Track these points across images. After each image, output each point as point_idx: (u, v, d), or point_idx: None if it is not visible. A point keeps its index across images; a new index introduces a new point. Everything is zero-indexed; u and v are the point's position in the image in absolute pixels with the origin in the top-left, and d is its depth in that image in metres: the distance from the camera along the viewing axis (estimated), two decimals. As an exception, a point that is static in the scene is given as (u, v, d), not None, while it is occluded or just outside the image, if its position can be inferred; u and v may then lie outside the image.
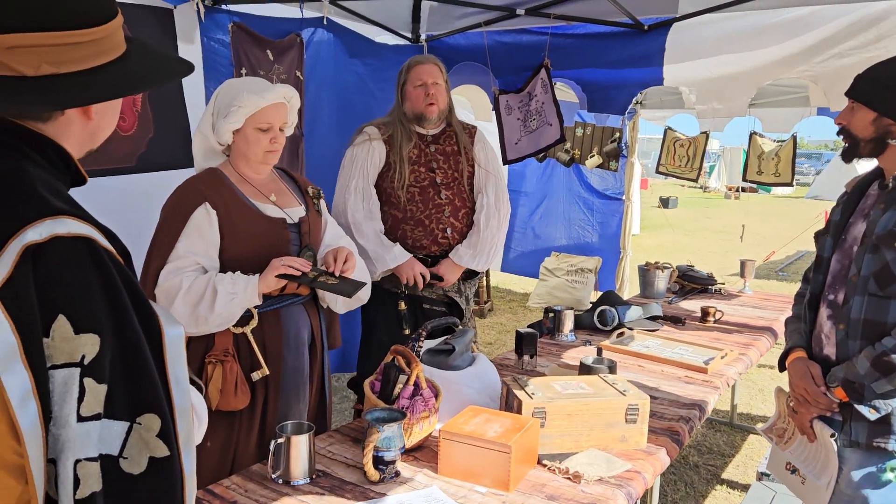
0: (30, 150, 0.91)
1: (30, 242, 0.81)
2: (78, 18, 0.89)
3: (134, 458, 0.84)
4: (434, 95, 2.90)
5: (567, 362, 2.70)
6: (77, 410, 0.81)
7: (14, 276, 0.79)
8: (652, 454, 1.94)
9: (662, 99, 6.09)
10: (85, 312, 0.82)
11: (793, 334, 2.07)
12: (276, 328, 2.15)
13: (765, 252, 9.70)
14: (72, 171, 0.98)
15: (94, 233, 0.87)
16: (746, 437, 4.18)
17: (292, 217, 2.20)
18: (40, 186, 0.87)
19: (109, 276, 0.86)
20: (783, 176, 5.67)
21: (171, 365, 0.91)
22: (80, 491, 0.81)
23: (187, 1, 3.20)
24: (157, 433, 0.86)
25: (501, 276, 8.40)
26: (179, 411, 0.90)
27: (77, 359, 0.81)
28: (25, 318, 0.79)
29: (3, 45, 0.85)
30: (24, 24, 0.85)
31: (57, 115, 0.93)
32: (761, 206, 19.63)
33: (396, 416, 1.80)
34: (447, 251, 2.93)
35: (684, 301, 3.85)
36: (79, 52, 0.90)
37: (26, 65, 0.87)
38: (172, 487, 0.88)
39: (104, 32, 0.93)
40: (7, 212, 0.83)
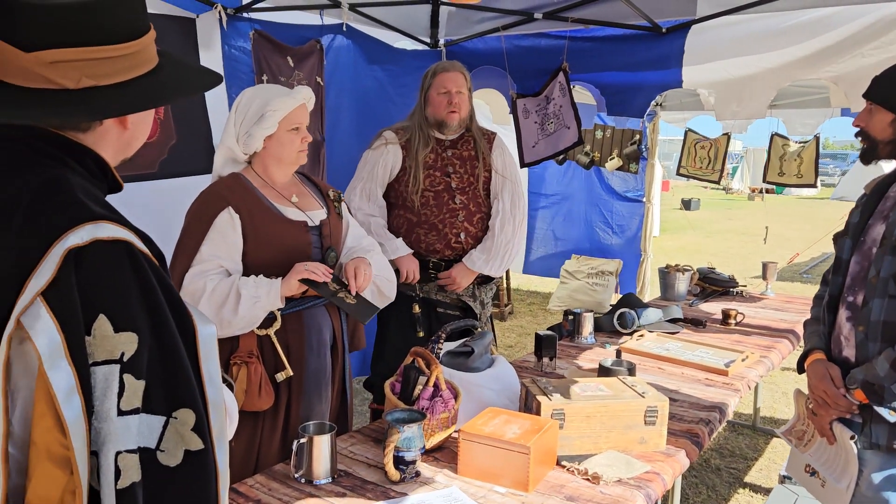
0: (70, 159, 0.96)
1: (72, 246, 0.85)
2: (115, 34, 0.94)
3: (170, 450, 0.88)
4: (457, 104, 2.93)
5: (586, 365, 2.71)
6: (117, 405, 0.85)
7: (58, 278, 0.83)
8: (671, 456, 1.94)
9: (682, 101, 6.06)
10: (124, 312, 0.86)
11: (812, 336, 2.07)
12: (298, 330, 2.19)
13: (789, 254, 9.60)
14: (108, 179, 1.02)
15: (131, 236, 0.91)
16: (769, 440, 4.15)
17: (313, 220, 2.23)
18: (80, 193, 0.91)
19: (146, 277, 0.90)
20: (806, 177, 5.62)
21: (204, 362, 0.95)
22: (121, 481, 0.84)
23: (209, 10, 3.26)
24: (192, 427, 0.90)
25: (522, 278, 8.41)
26: (213, 406, 0.94)
27: (117, 356, 0.85)
28: (69, 318, 0.83)
29: (45, 60, 0.90)
30: (65, 40, 0.90)
31: (95, 125, 0.98)
32: (785, 207, 19.42)
33: (416, 416, 1.82)
34: (461, 256, 2.95)
35: (705, 303, 3.84)
36: (116, 65, 0.95)
37: (68, 78, 0.91)
38: (207, 479, 0.92)
39: (138, 46, 0.97)
40: (50, 217, 0.87)
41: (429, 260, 2.93)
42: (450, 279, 2.95)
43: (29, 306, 0.83)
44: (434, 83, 2.95)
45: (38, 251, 0.85)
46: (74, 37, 0.91)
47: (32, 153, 0.94)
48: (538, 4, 3.91)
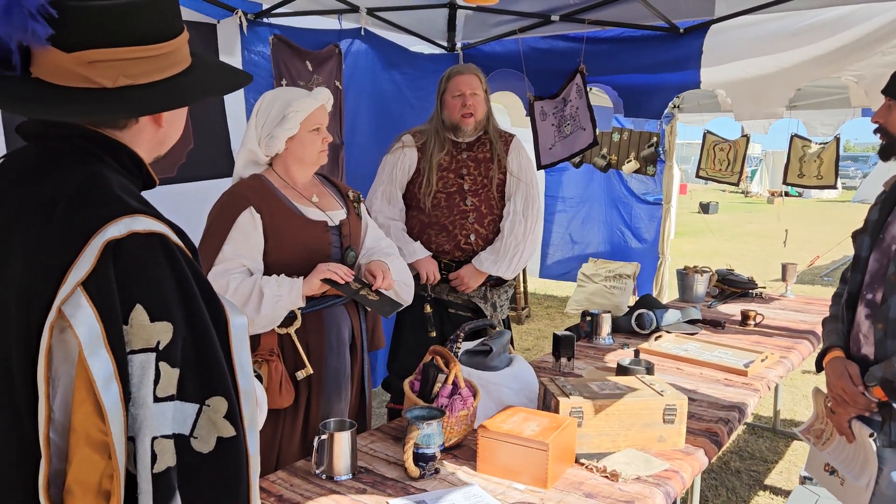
0: (107, 155, 1.00)
1: (110, 238, 0.88)
2: (151, 34, 0.97)
3: (203, 437, 0.91)
4: (472, 106, 2.95)
5: (604, 365, 2.71)
6: (153, 392, 0.88)
7: (97, 269, 0.87)
8: (690, 454, 1.94)
9: (700, 102, 6.04)
10: (159, 302, 0.89)
11: (830, 334, 2.06)
12: (318, 329, 2.21)
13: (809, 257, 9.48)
14: (143, 175, 1.06)
15: (166, 229, 0.94)
16: (790, 443, 4.12)
17: (333, 220, 2.26)
18: (117, 188, 0.95)
19: (181, 269, 0.93)
20: (826, 178, 5.58)
21: (236, 351, 0.98)
22: (157, 465, 0.87)
23: (230, 15, 3.31)
24: (224, 414, 0.93)
25: (538, 282, 8.39)
26: (244, 394, 0.97)
27: (153, 344, 0.88)
28: (108, 308, 0.86)
29: (84, 60, 0.93)
30: (103, 41, 0.93)
31: (132, 122, 1.02)
32: (805, 210, 19.23)
33: (436, 413, 1.84)
34: (471, 257, 2.97)
35: (724, 305, 3.82)
36: (152, 64, 0.98)
37: (106, 77, 0.94)
38: (238, 465, 0.94)
39: (173, 47, 1.01)
40: (90, 211, 0.91)
41: (440, 261, 2.96)
42: (458, 279, 2.97)
43: (70, 296, 0.86)
44: (449, 86, 2.98)
45: (78, 243, 0.88)
46: (112, 37, 0.94)
47: (72, 150, 0.98)
48: (555, 7, 3.92)
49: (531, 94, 4.22)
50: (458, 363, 2.02)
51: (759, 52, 3.65)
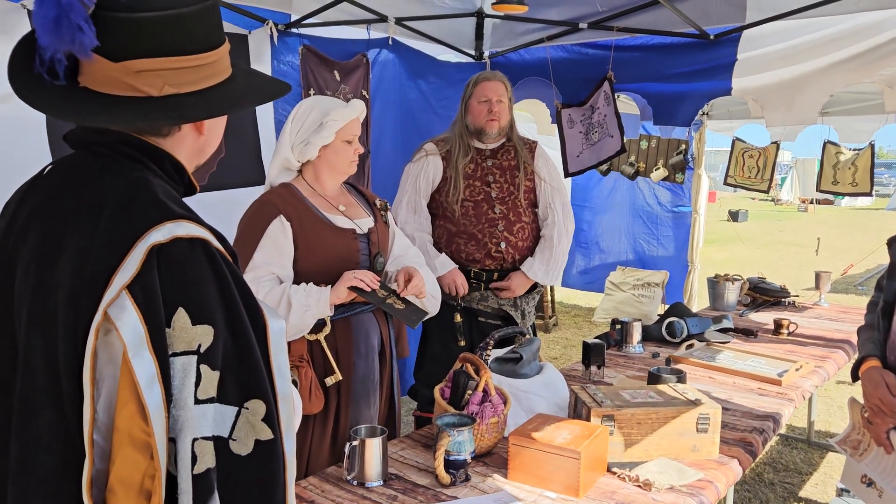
0: (151, 162, 1.03)
1: (155, 242, 0.90)
2: (195, 45, 1.00)
3: (242, 440, 0.92)
4: (497, 112, 2.96)
5: (635, 373, 2.69)
6: (194, 394, 0.90)
7: (142, 273, 0.89)
8: (724, 464, 1.92)
9: (730, 109, 5.98)
10: (201, 306, 0.91)
11: (866, 343, 2.02)
12: (347, 335, 2.23)
13: (842, 266, 9.33)
14: (185, 182, 1.09)
15: (208, 234, 0.97)
16: (825, 454, 4.04)
17: (361, 227, 2.28)
18: (161, 194, 0.97)
19: (222, 273, 0.95)
20: (861, 185, 5.49)
21: (274, 355, 0.99)
22: (197, 466, 0.89)
23: (261, 26, 3.36)
24: (263, 417, 0.94)
25: (564, 290, 8.35)
26: (282, 397, 0.98)
27: (194, 347, 0.90)
28: (151, 311, 0.88)
29: (131, 70, 0.96)
30: (150, 51, 0.96)
31: (174, 130, 1.05)
32: (838, 218, 18.91)
33: (467, 421, 1.83)
34: (501, 265, 2.96)
35: (756, 313, 3.77)
36: (196, 74, 1.01)
37: (152, 86, 0.97)
38: (275, 467, 0.95)
39: (216, 56, 1.04)
40: (135, 215, 0.93)
41: (469, 269, 2.95)
42: (508, 289, 2.97)
43: (115, 299, 0.88)
44: (475, 92, 2.99)
45: (123, 247, 0.90)
46: (158, 47, 0.97)
47: (117, 157, 1.01)
48: (583, 14, 3.91)
49: (559, 102, 4.22)
50: (489, 370, 2.02)
51: (791, 59, 3.61)
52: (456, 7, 3.99)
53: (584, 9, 3.85)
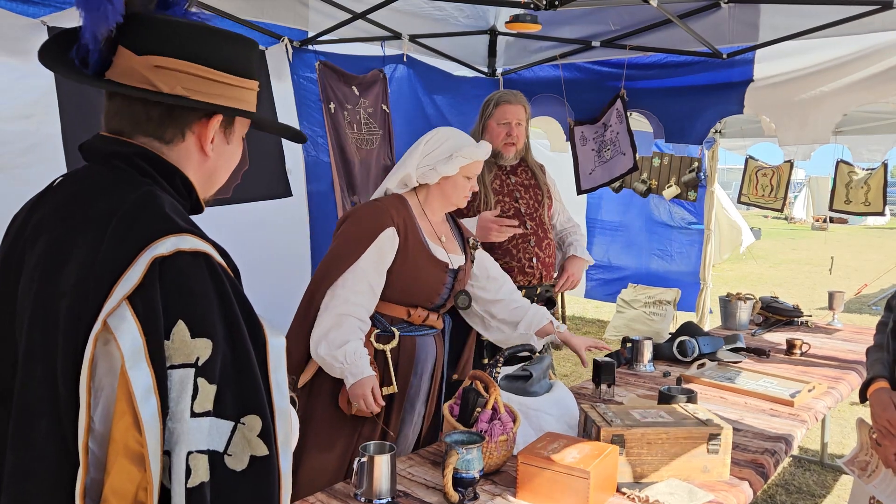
0: (161, 178, 1.05)
1: (158, 255, 0.91)
2: (216, 60, 1.06)
3: (237, 455, 0.92)
4: (515, 136, 2.97)
5: (646, 392, 2.67)
6: (191, 407, 0.89)
7: (143, 284, 0.89)
8: (735, 486, 1.90)
9: (743, 128, 5.98)
10: (201, 319, 0.91)
11: (875, 364, 2.00)
12: (410, 353, 2.31)
13: (856, 285, 9.26)
14: (192, 200, 1.11)
15: (210, 249, 0.97)
16: (838, 477, 3.99)
17: (453, 263, 2.35)
18: (168, 208, 0.98)
19: (223, 287, 0.95)
20: (874, 205, 5.46)
21: (273, 371, 0.99)
22: (191, 480, 0.88)
23: (277, 42, 3.40)
24: (259, 433, 0.93)
25: (577, 306, 8.33)
26: (279, 413, 0.98)
27: (192, 360, 0.90)
28: (151, 322, 0.89)
29: (151, 63, 1.03)
30: (170, 51, 1.03)
31: (177, 139, 1.08)
32: (852, 237, 18.77)
33: (475, 439, 1.83)
34: (530, 281, 2.96)
35: (768, 333, 3.74)
36: (211, 87, 1.06)
37: (164, 83, 1.03)
38: (271, 484, 0.95)
39: (236, 82, 1.09)
40: (140, 228, 0.94)
41: None
42: (570, 278, 3.07)
43: (116, 309, 0.88)
44: (496, 113, 2.98)
45: (126, 258, 0.91)
46: (179, 49, 1.03)
47: (130, 170, 1.04)
48: (596, 33, 3.93)
49: (571, 120, 4.23)
50: (498, 388, 2.01)
51: (805, 78, 3.61)
52: (469, 25, 4.02)
53: (597, 27, 3.87)
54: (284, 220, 3.40)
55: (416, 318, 2.31)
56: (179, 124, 1.07)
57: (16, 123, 2.54)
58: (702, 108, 4.01)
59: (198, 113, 1.07)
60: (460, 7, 3.73)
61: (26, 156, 2.54)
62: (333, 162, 3.59)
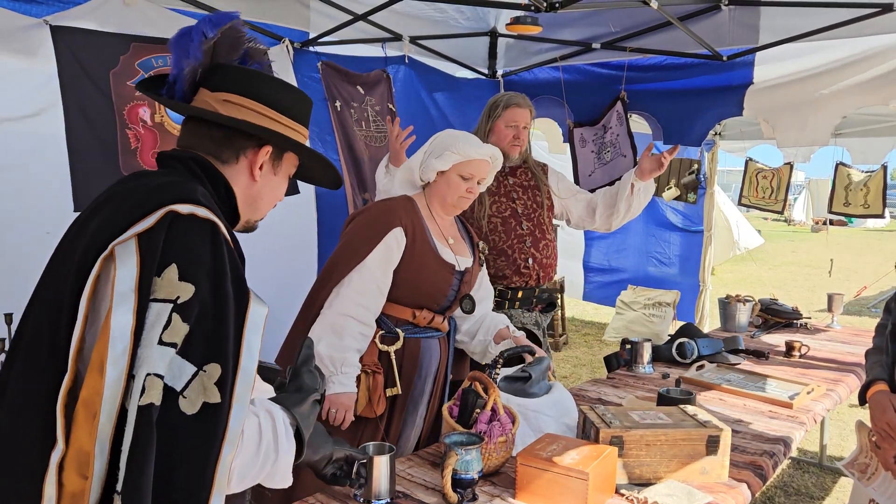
0: (208, 181, 1.22)
1: (173, 209, 1.06)
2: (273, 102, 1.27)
3: (191, 399, 0.99)
4: (521, 139, 3.00)
5: (645, 394, 2.68)
6: (160, 336, 0.98)
7: (154, 228, 1.03)
8: (734, 488, 1.90)
9: (742, 130, 5.98)
10: (191, 268, 1.03)
11: (874, 366, 2.01)
12: (414, 355, 2.32)
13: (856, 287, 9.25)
14: (231, 207, 1.26)
15: (220, 224, 1.10)
16: (837, 479, 4.00)
17: (460, 265, 2.35)
18: (201, 198, 1.12)
19: (220, 252, 1.07)
20: (873, 207, 5.47)
21: (248, 332, 1.07)
22: (143, 398, 0.96)
23: (277, 44, 3.41)
24: (216, 381, 1.01)
25: (576, 308, 8.33)
26: (243, 371, 1.05)
27: (173, 297, 1.00)
28: (148, 258, 1.01)
29: (220, 98, 1.25)
30: (237, 90, 1.25)
31: (231, 160, 1.26)
32: (851, 239, 18.76)
33: (475, 440, 1.83)
34: (527, 283, 2.96)
35: (767, 335, 3.75)
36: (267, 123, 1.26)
37: (229, 113, 1.24)
38: (215, 433, 1.01)
39: (289, 124, 1.29)
40: (169, 192, 1.09)
41: (495, 288, 2.92)
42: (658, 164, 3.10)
43: (126, 240, 1.02)
44: (505, 115, 2.99)
45: (147, 210, 1.05)
46: (244, 90, 1.25)
47: (182, 170, 1.21)
48: (596, 35, 3.94)
49: (571, 121, 4.23)
50: (498, 389, 2.02)
51: (804, 80, 3.62)
52: (470, 27, 4.03)
53: (597, 29, 3.88)
54: (293, 217, 3.42)
55: (422, 319, 2.32)
56: (235, 148, 1.25)
57: (20, 123, 2.55)
58: (701, 110, 4.02)
59: (252, 141, 1.25)
60: (461, 9, 3.74)
61: (30, 155, 2.55)
62: (343, 159, 3.60)
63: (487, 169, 2.38)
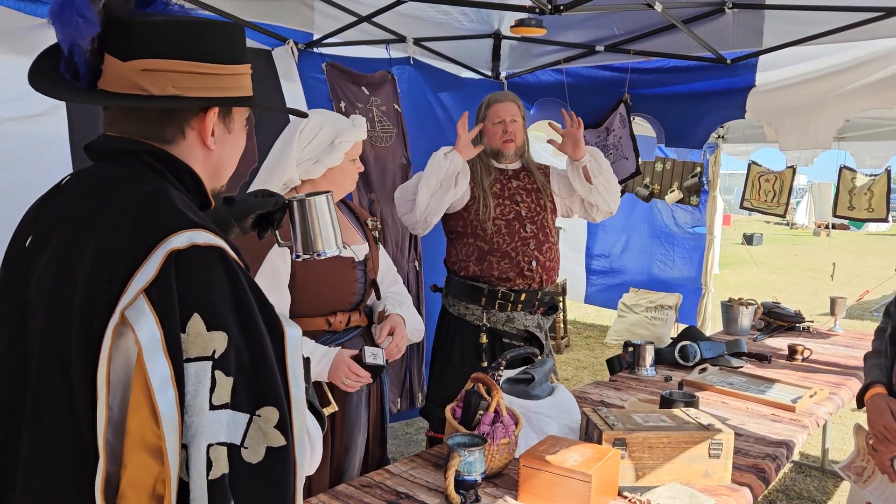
0: (170, 174, 1.05)
1: (173, 248, 0.92)
2: (205, 53, 1.05)
3: (253, 447, 0.92)
4: (512, 132, 2.97)
5: (647, 397, 2.67)
6: (210, 399, 0.90)
7: (160, 277, 0.90)
8: (736, 491, 1.90)
9: (745, 133, 5.98)
10: (216, 312, 0.92)
11: (872, 369, 2.01)
12: None
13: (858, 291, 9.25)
14: (202, 196, 1.11)
15: (224, 244, 0.98)
16: (839, 482, 3.99)
17: (358, 255, 2.22)
18: (179, 204, 0.99)
19: (237, 280, 0.96)
20: (877, 211, 5.47)
21: (290, 362, 0.99)
22: (213, 472, 0.89)
23: (282, 45, 3.41)
24: (275, 424, 0.94)
25: (578, 311, 8.33)
26: (295, 404, 0.98)
27: (209, 353, 0.90)
28: (168, 314, 0.89)
29: (137, 68, 1.02)
30: (156, 52, 1.02)
31: (178, 138, 1.07)
32: (854, 243, 18.74)
33: (478, 441, 1.83)
34: (530, 285, 2.96)
35: (770, 338, 3.75)
36: (203, 81, 1.05)
37: (154, 85, 1.02)
38: (287, 475, 0.95)
39: (227, 71, 1.08)
40: (154, 222, 0.95)
41: (497, 290, 2.92)
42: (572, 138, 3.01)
43: (133, 301, 0.89)
44: (489, 114, 3.01)
45: (143, 250, 0.91)
46: (165, 50, 1.02)
47: (138, 167, 1.04)
48: (600, 38, 3.94)
49: (573, 124, 4.23)
50: (501, 391, 2.02)
51: (807, 83, 3.62)
52: (473, 29, 4.03)
53: (600, 32, 3.88)
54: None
55: (338, 324, 2.17)
56: (178, 122, 1.06)
57: (23, 123, 2.55)
58: (704, 113, 4.02)
59: (194, 109, 1.06)
60: (464, 11, 3.74)
61: (34, 155, 2.55)
62: None
63: (361, 144, 2.23)
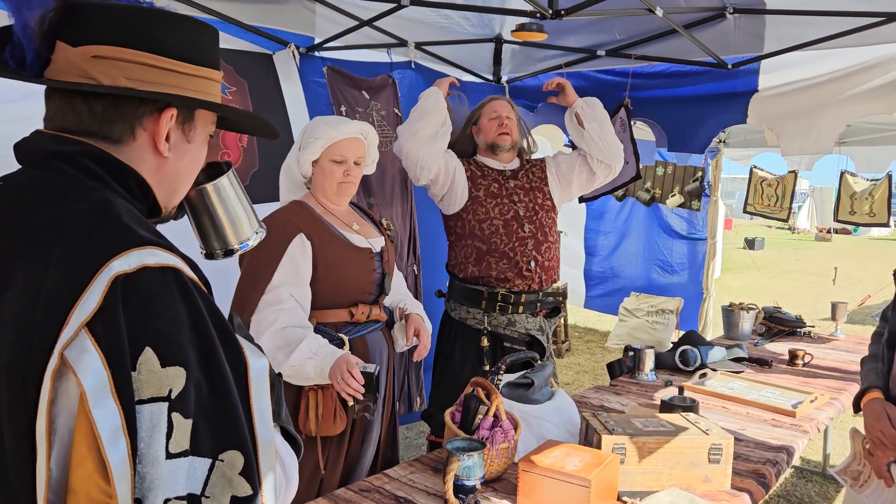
0: (113, 180, 0.92)
1: (119, 273, 0.78)
2: (165, 46, 0.93)
3: (216, 496, 0.80)
4: (508, 126, 3.01)
5: (647, 401, 2.67)
6: (166, 447, 0.77)
7: (104, 308, 0.76)
8: (736, 496, 1.90)
9: (746, 137, 5.99)
10: (172, 345, 0.79)
11: (869, 374, 2.01)
12: (364, 354, 2.23)
13: (860, 296, 9.25)
14: (149, 203, 0.98)
15: (180, 263, 0.85)
16: (840, 488, 3.98)
17: (375, 247, 2.30)
18: (126, 217, 0.86)
19: (196, 307, 0.83)
20: (878, 216, 5.47)
21: (255, 399, 0.87)
22: None
23: (283, 48, 3.42)
24: (241, 471, 0.82)
25: (579, 315, 8.33)
26: (262, 446, 0.87)
27: (164, 393, 0.77)
28: (115, 351, 0.76)
29: (87, 54, 0.90)
30: (109, 38, 0.90)
31: (127, 138, 0.94)
32: (856, 248, 18.73)
33: (477, 445, 1.83)
34: (529, 286, 2.96)
35: (771, 343, 3.74)
36: (161, 76, 0.93)
37: (104, 74, 0.90)
38: None
39: (191, 71, 0.96)
40: (96, 243, 0.81)
41: (497, 291, 2.92)
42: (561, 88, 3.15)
43: (73, 339, 0.76)
44: (484, 111, 3.07)
45: (83, 279, 0.78)
46: (118, 37, 0.91)
47: (76, 174, 0.90)
48: (601, 42, 3.94)
49: (574, 128, 4.23)
50: (500, 395, 2.02)
51: (809, 88, 3.62)
52: (475, 33, 4.03)
53: (602, 37, 3.88)
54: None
55: (360, 315, 2.23)
56: (128, 119, 0.93)
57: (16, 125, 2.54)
58: (705, 118, 4.02)
59: (149, 107, 0.93)
60: (466, 15, 3.74)
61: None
62: None
63: (362, 147, 2.25)
